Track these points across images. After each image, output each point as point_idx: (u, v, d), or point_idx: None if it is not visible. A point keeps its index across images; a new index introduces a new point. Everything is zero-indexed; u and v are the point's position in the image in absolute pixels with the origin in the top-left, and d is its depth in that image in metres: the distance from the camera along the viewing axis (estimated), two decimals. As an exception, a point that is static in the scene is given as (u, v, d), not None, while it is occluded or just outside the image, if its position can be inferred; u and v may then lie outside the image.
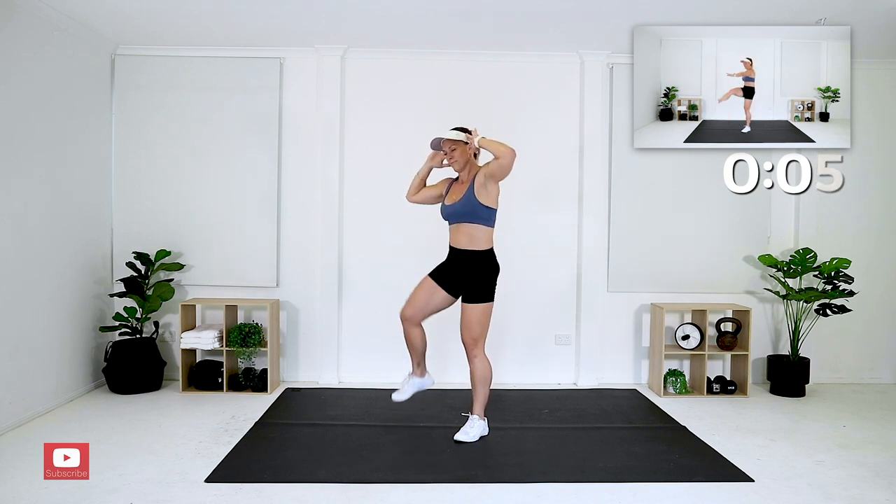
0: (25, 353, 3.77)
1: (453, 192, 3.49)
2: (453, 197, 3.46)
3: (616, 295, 4.83)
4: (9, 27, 3.64)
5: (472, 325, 3.41)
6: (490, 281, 3.42)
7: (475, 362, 3.45)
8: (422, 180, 3.64)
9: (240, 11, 4.01)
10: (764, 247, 4.82)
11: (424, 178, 3.65)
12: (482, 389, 3.47)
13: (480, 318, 3.41)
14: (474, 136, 3.40)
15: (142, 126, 4.68)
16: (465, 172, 3.48)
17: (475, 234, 3.39)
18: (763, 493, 2.86)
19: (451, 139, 3.42)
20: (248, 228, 4.71)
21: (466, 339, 3.45)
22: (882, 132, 4.89)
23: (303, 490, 2.83)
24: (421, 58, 4.73)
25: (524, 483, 2.93)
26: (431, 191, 3.62)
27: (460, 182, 3.51)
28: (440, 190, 3.59)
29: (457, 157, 3.43)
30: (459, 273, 3.42)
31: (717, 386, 4.56)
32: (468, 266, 3.40)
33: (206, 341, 4.39)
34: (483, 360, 3.46)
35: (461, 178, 3.51)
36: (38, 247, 3.90)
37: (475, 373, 3.45)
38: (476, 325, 3.41)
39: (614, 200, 4.80)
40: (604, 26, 4.21)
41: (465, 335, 3.44)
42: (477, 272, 3.39)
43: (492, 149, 3.27)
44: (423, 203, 3.68)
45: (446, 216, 3.48)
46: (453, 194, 3.48)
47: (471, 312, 3.41)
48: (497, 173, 3.31)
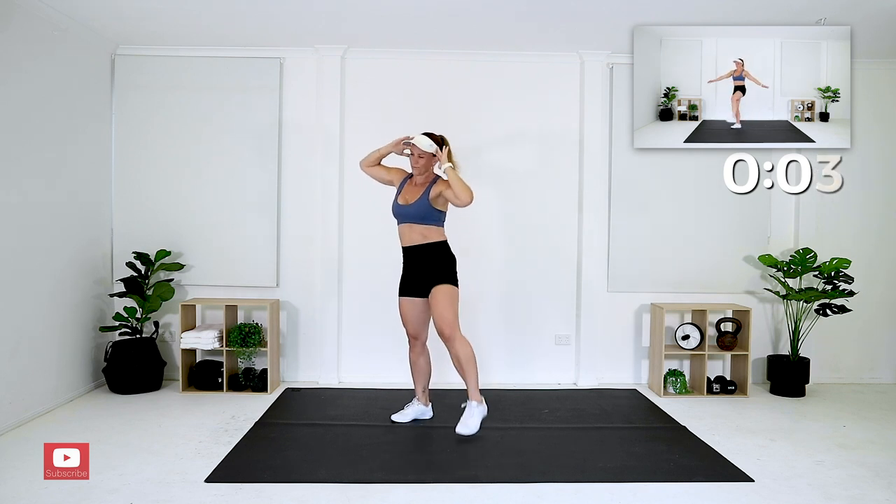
0: (25, 353, 3.77)
1: (406, 192, 3.58)
2: (406, 197, 3.56)
3: (616, 295, 4.83)
4: (9, 27, 3.64)
5: (444, 311, 3.43)
6: (449, 266, 3.52)
7: (455, 345, 3.44)
8: (379, 158, 3.71)
9: (240, 11, 4.01)
10: (764, 247, 4.82)
11: (382, 157, 3.71)
12: (470, 369, 3.44)
13: (449, 301, 3.45)
14: (443, 157, 3.45)
15: (142, 126, 4.67)
16: (421, 178, 3.59)
17: (427, 233, 3.53)
18: (763, 493, 2.86)
19: (422, 148, 3.49)
20: (248, 228, 4.71)
21: (442, 327, 3.44)
22: (882, 132, 4.88)
23: (303, 490, 2.83)
24: (421, 58, 4.73)
25: (524, 483, 2.93)
26: (385, 173, 3.73)
27: (415, 184, 3.60)
28: (393, 177, 3.70)
29: (420, 165, 3.54)
30: (419, 270, 3.53)
31: (717, 386, 4.56)
32: (425, 259, 3.51)
33: (206, 341, 4.39)
34: (462, 341, 3.46)
35: (417, 179, 3.60)
36: (39, 247, 3.90)
37: (458, 355, 3.44)
38: (446, 308, 3.44)
39: (614, 200, 4.80)
40: (604, 26, 4.21)
41: (440, 324, 3.45)
42: (435, 262, 3.50)
43: (454, 187, 3.37)
44: (372, 177, 3.77)
45: (397, 215, 3.59)
46: (406, 194, 3.57)
47: (439, 297, 3.45)
48: (450, 198, 3.44)
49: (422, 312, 3.62)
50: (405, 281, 3.62)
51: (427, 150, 3.49)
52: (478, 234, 4.70)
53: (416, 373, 3.76)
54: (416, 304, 3.60)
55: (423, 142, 3.47)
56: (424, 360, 3.75)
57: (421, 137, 3.49)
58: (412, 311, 3.63)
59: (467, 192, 3.34)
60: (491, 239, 4.75)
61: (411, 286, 3.59)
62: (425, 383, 3.79)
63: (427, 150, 3.48)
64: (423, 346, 3.72)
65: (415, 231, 3.52)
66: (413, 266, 3.57)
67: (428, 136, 3.51)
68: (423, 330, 3.68)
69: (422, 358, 3.74)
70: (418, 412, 3.80)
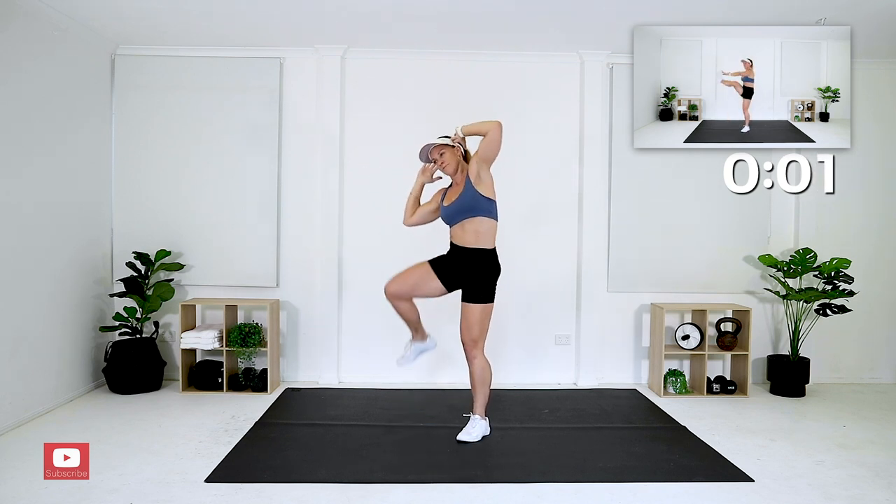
0: (25, 353, 3.77)
1: (450, 195, 3.46)
2: (451, 198, 3.43)
3: (616, 295, 4.84)
4: (9, 27, 3.64)
5: (472, 326, 3.40)
6: (491, 282, 3.41)
7: (475, 363, 3.44)
8: (416, 199, 3.57)
9: (240, 11, 4.01)
10: (764, 247, 4.82)
11: (418, 196, 3.58)
12: (482, 390, 3.47)
13: (481, 319, 3.40)
14: (457, 133, 3.41)
15: (142, 126, 4.67)
16: (458, 175, 3.45)
17: (481, 229, 3.34)
18: (763, 493, 2.86)
19: (438, 145, 3.42)
20: (248, 228, 4.71)
21: (466, 340, 3.44)
22: (882, 132, 4.88)
23: (303, 490, 2.83)
24: (421, 58, 4.73)
25: (524, 483, 2.93)
26: (428, 206, 3.56)
27: (455, 185, 3.47)
28: (436, 203, 3.54)
29: (447, 161, 3.40)
30: (461, 270, 3.39)
31: (717, 386, 4.56)
32: (471, 264, 3.37)
33: (206, 341, 4.39)
34: (483, 361, 3.45)
35: (455, 181, 3.47)
36: (39, 246, 3.90)
37: (475, 374, 3.46)
38: (476, 325, 3.40)
39: (614, 200, 4.80)
40: (604, 26, 4.21)
41: (465, 335, 3.44)
42: (479, 271, 3.37)
43: (476, 129, 3.29)
44: (423, 223, 3.59)
45: (447, 217, 3.44)
46: (451, 196, 3.45)
47: (471, 312, 3.40)
48: (488, 152, 3.28)
49: (424, 290, 3.42)
50: (443, 261, 3.43)
51: (444, 142, 3.41)
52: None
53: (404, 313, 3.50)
54: (431, 280, 3.41)
55: (436, 140, 3.44)
56: (407, 305, 3.49)
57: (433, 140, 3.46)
58: (418, 279, 3.42)
59: (491, 122, 3.24)
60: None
61: (444, 269, 3.40)
62: (416, 320, 3.55)
63: (443, 142, 3.42)
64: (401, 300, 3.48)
65: (466, 230, 3.34)
66: (458, 262, 3.39)
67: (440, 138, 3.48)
68: (404, 296, 3.45)
69: (403, 303, 3.48)
70: (420, 349, 3.65)
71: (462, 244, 3.38)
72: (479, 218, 3.33)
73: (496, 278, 3.43)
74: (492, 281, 3.41)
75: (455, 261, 3.42)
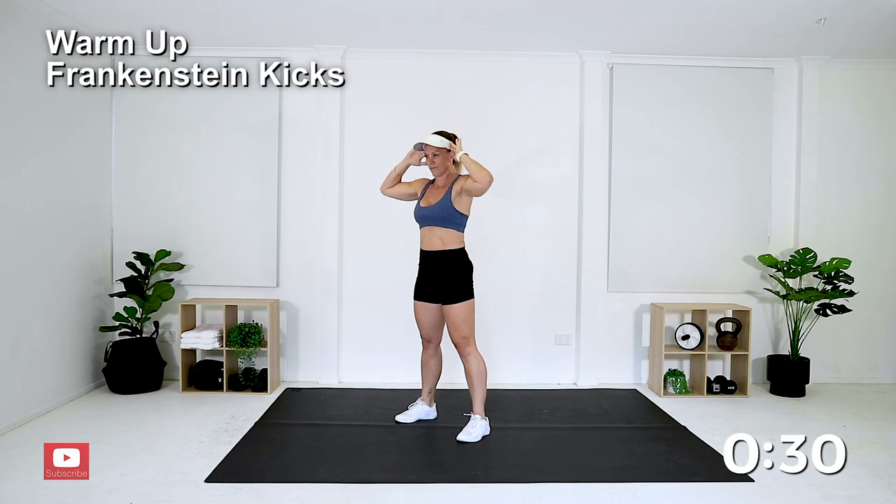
0: (25, 353, 3.77)
1: (429, 196, 3.56)
2: (429, 200, 3.53)
3: (616, 295, 4.83)
4: (9, 27, 3.63)
5: (460, 325, 3.47)
6: (465, 278, 3.49)
7: (469, 360, 3.49)
8: (398, 175, 3.69)
9: (240, 11, 4.01)
10: (764, 247, 4.82)
11: (401, 174, 3.70)
12: (479, 386, 3.50)
13: (465, 317, 3.47)
14: (457, 147, 3.44)
15: (142, 126, 4.67)
16: (442, 178, 3.54)
17: (446, 238, 3.47)
18: (763, 493, 2.86)
19: (434, 145, 3.45)
20: (248, 228, 4.71)
21: (457, 340, 3.50)
22: (882, 132, 4.88)
23: (303, 490, 2.83)
24: (421, 58, 4.73)
25: (524, 483, 2.93)
26: (406, 188, 3.69)
27: (437, 186, 3.57)
28: (415, 189, 3.65)
29: (437, 164, 3.50)
30: (435, 277, 3.49)
31: (717, 386, 4.56)
32: (442, 267, 3.47)
33: (206, 341, 4.39)
34: (476, 357, 3.50)
35: (438, 182, 3.58)
36: (38, 247, 3.90)
37: (470, 371, 3.49)
38: (462, 323, 3.46)
39: (614, 200, 4.80)
40: (604, 26, 4.21)
41: (455, 336, 3.50)
42: (451, 272, 3.46)
43: (471, 170, 3.35)
44: (397, 198, 3.74)
45: (420, 218, 3.55)
46: (429, 197, 3.54)
47: (455, 313, 3.46)
48: (472, 192, 3.42)
49: (436, 317, 3.60)
50: (420, 285, 3.59)
51: (440, 147, 3.46)
52: (477, 233, 4.68)
53: (425, 373, 3.75)
54: (430, 309, 3.58)
55: (435, 139, 3.45)
56: (436, 362, 3.73)
57: (432, 136, 3.47)
58: (426, 316, 3.60)
59: (485, 172, 3.30)
60: (491, 239, 4.74)
61: (426, 291, 3.55)
62: (433, 385, 3.78)
63: (440, 146, 3.45)
64: (436, 349, 3.71)
65: (434, 235, 3.48)
66: (429, 272, 3.52)
67: (439, 134, 3.50)
68: (437, 334, 3.67)
69: (433, 360, 3.72)
70: (423, 412, 3.79)
71: (430, 248, 3.51)
72: (447, 229, 3.47)
73: (470, 274, 3.52)
74: (465, 277, 3.49)
75: (427, 271, 3.54)
